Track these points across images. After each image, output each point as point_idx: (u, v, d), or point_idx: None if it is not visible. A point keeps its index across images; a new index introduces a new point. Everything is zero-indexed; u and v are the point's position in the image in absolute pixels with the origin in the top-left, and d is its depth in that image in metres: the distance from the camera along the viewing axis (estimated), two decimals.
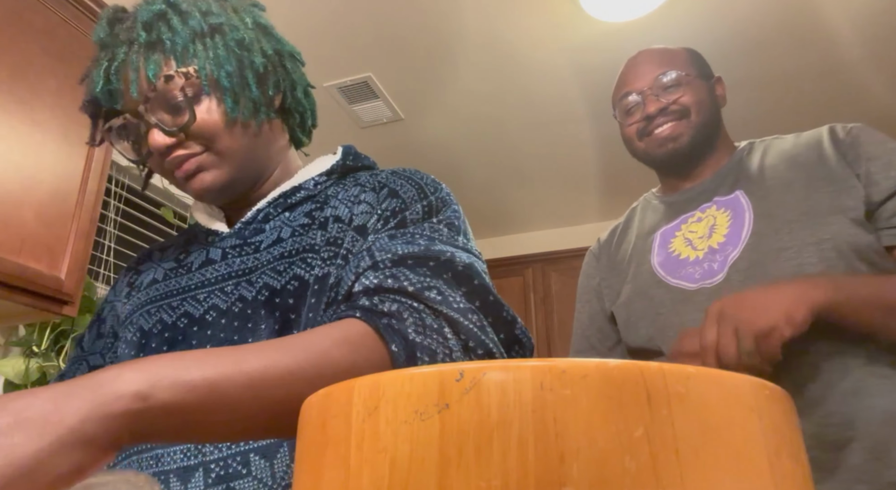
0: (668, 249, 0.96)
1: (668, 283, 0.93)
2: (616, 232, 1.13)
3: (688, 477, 0.28)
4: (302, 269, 0.65)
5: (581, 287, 1.15)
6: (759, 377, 0.64)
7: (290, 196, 0.74)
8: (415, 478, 0.29)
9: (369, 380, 0.33)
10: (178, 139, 0.68)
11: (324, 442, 0.33)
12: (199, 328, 0.66)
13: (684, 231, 0.97)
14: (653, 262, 0.97)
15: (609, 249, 1.11)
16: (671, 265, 0.94)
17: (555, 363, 0.30)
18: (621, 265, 1.05)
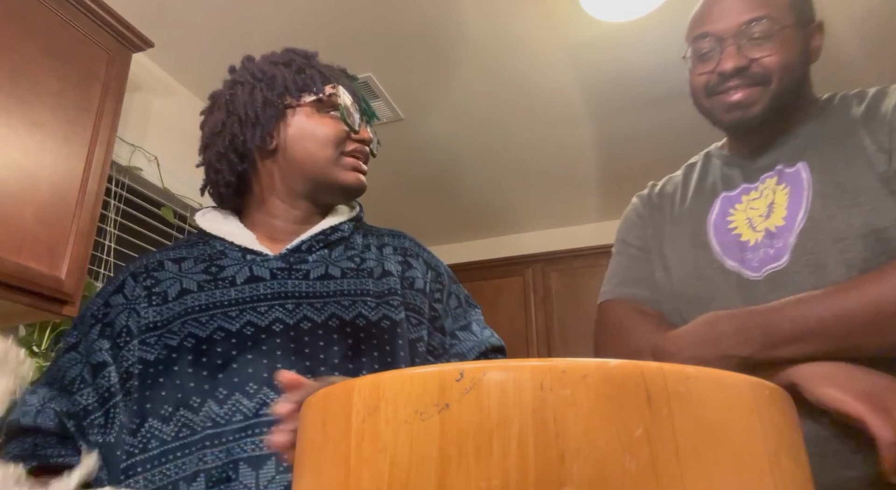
0: (728, 225, 0.85)
1: (725, 265, 0.82)
2: (671, 183, 0.98)
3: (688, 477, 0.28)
4: (390, 311, 0.79)
5: (624, 231, 0.99)
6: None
7: (330, 234, 0.83)
8: (415, 477, 0.29)
9: (369, 379, 0.33)
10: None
11: (324, 442, 0.33)
12: (267, 336, 0.73)
13: (745, 205, 0.85)
14: (710, 237, 0.85)
15: (660, 199, 0.97)
16: (730, 246, 0.83)
17: (555, 363, 0.30)
18: (672, 228, 0.91)
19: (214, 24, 2.28)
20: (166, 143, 2.48)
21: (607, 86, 2.65)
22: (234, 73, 0.94)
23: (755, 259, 0.80)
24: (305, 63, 0.87)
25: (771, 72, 0.79)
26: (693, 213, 0.90)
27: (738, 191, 0.87)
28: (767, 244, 0.79)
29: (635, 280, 0.92)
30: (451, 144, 3.11)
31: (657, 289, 0.90)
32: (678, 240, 0.89)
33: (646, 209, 0.98)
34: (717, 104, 0.84)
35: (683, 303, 0.86)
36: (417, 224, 3.98)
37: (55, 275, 1.55)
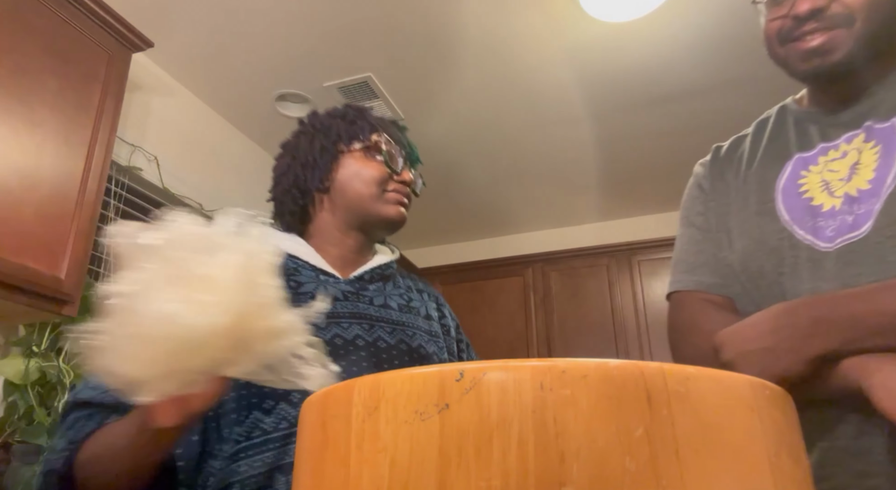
0: (800, 189, 0.75)
1: (795, 235, 0.72)
2: (739, 143, 0.88)
3: (688, 477, 0.28)
4: (438, 349, 0.93)
5: (689, 200, 0.90)
6: None
7: (384, 269, 0.97)
8: (415, 478, 0.29)
9: (369, 380, 0.32)
10: None
11: (324, 442, 0.33)
12: (353, 349, 0.82)
13: (823, 167, 0.74)
14: (778, 203, 0.76)
15: (725, 164, 0.87)
16: (800, 212, 0.73)
17: (555, 363, 0.30)
18: (737, 196, 0.82)
19: (214, 24, 2.28)
20: (166, 143, 2.48)
21: (607, 86, 2.65)
22: (301, 125, 1.07)
23: (830, 227, 0.70)
24: (357, 115, 1.00)
25: (854, 11, 0.69)
26: (760, 177, 0.80)
27: (815, 151, 0.77)
28: (846, 210, 0.69)
29: (699, 265, 0.83)
30: (451, 144, 3.11)
31: (724, 271, 0.81)
32: (743, 209, 0.80)
33: (707, 179, 0.88)
34: (792, 52, 0.74)
35: (749, 281, 0.77)
36: (417, 224, 3.98)
37: (55, 275, 1.55)
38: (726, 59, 2.47)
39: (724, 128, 3.24)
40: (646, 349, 3.19)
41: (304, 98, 2.72)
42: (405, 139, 1.00)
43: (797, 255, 0.72)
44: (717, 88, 2.63)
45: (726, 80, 2.59)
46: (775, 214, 0.75)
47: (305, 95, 2.70)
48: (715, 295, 0.80)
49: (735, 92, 2.65)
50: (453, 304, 4.00)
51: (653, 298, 3.29)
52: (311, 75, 2.57)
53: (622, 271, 3.40)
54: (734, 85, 2.61)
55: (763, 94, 2.67)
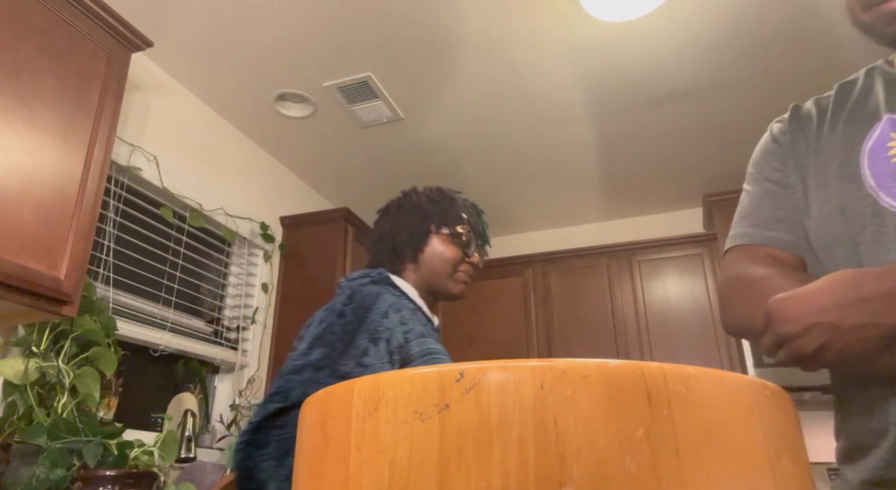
0: (889, 152, 0.69)
1: (880, 202, 0.67)
2: (821, 103, 0.82)
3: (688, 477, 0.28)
4: None
5: (761, 155, 0.84)
6: None
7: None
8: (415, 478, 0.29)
9: (369, 380, 0.32)
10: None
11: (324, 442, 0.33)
12: None
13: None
14: (863, 167, 0.70)
15: (806, 121, 0.81)
16: (887, 176, 0.68)
17: (555, 363, 0.30)
18: (817, 158, 0.76)
19: (214, 24, 2.28)
20: (165, 143, 2.48)
21: (607, 86, 2.65)
22: (403, 198, 1.29)
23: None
24: (450, 206, 1.25)
25: None
26: (845, 139, 0.74)
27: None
28: None
29: (772, 220, 0.78)
30: (451, 144, 3.11)
31: (801, 233, 0.76)
32: (822, 172, 0.74)
33: (786, 136, 0.81)
34: (877, 16, 0.71)
35: (822, 249, 0.72)
36: None
37: (54, 275, 1.54)
38: (726, 60, 2.47)
39: (725, 128, 3.27)
40: (646, 349, 3.19)
41: (304, 98, 2.72)
42: (483, 224, 1.28)
43: (881, 223, 0.67)
44: (716, 88, 2.63)
45: (726, 81, 2.59)
46: (859, 179, 0.70)
47: (305, 95, 2.70)
48: (789, 254, 0.75)
49: (735, 92, 2.65)
50: (453, 303, 3.99)
51: (653, 298, 3.29)
52: (311, 75, 2.57)
53: (622, 271, 3.40)
54: (734, 85, 2.61)
55: (763, 93, 2.68)
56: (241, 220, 2.83)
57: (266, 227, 2.99)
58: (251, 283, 2.93)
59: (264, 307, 2.94)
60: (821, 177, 0.75)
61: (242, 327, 2.81)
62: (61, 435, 1.56)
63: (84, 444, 1.57)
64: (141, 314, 2.30)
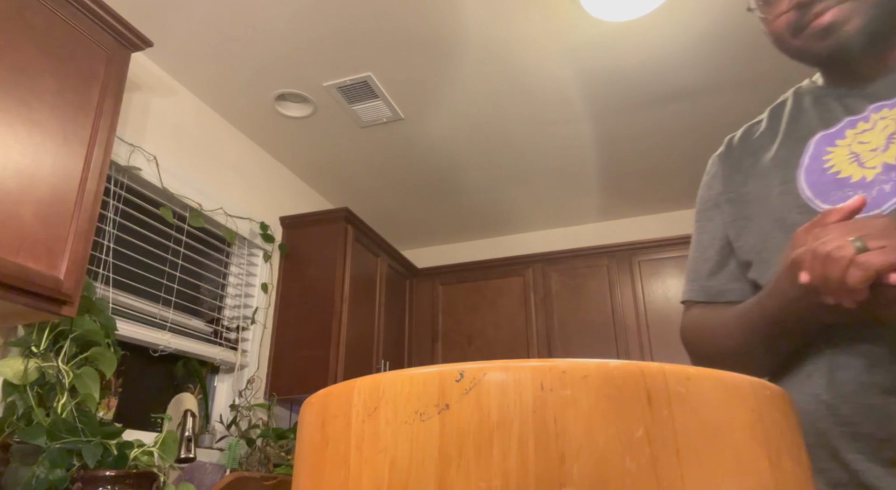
0: (825, 164, 0.72)
1: (818, 209, 0.70)
2: (753, 131, 0.86)
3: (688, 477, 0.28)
4: None
5: (700, 202, 0.89)
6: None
7: None
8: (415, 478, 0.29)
9: (369, 380, 0.32)
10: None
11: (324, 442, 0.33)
12: None
13: (851, 140, 0.72)
14: (800, 181, 0.73)
15: (740, 153, 0.85)
16: (825, 186, 0.71)
17: (555, 363, 0.30)
18: (756, 177, 0.80)
19: (214, 24, 2.28)
20: (165, 143, 2.48)
21: (607, 86, 2.65)
22: None
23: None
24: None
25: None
26: (782, 159, 0.78)
27: (840, 125, 0.74)
28: (885, 179, 0.67)
29: (713, 273, 0.83)
30: (451, 144, 3.11)
31: (734, 274, 0.81)
32: (762, 195, 0.78)
33: (722, 171, 0.86)
34: (808, 37, 0.72)
35: (764, 262, 0.75)
36: (417, 224, 3.98)
37: (54, 275, 1.54)
38: (726, 59, 2.47)
39: (724, 127, 3.27)
40: (646, 349, 3.19)
41: (304, 98, 2.72)
42: None
43: None
44: (717, 88, 2.63)
45: (726, 80, 2.59)
46: (797, 192, 0.73)
47: (305, 95, 2.70)
48: (720, 303, 0.81)
49: (735, 91, 2.65)
50: (453, 304, 4.02)
51: (653, 298, 3.29)
52: (310, 75, 2.57)
53: (622, 271, 3.40)
54: (734, 84, 2.61)
55: (763, 93, 2.68)
56: (241, 220, 2.83)
57: (266, 227, 2.99)
58: (251, 284, 2.93)
59: (264, 307, 2.94)
60: (761, 199, 0.78)
61: (242, 327, 2.81)
62: (61, 435, 1.56)
63: (84, 444, 1.57)
64: (141, 314, 2.30)
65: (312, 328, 2.89)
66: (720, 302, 0.82)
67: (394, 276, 3.59)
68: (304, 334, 2.90)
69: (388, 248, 3.51)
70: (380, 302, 3.35)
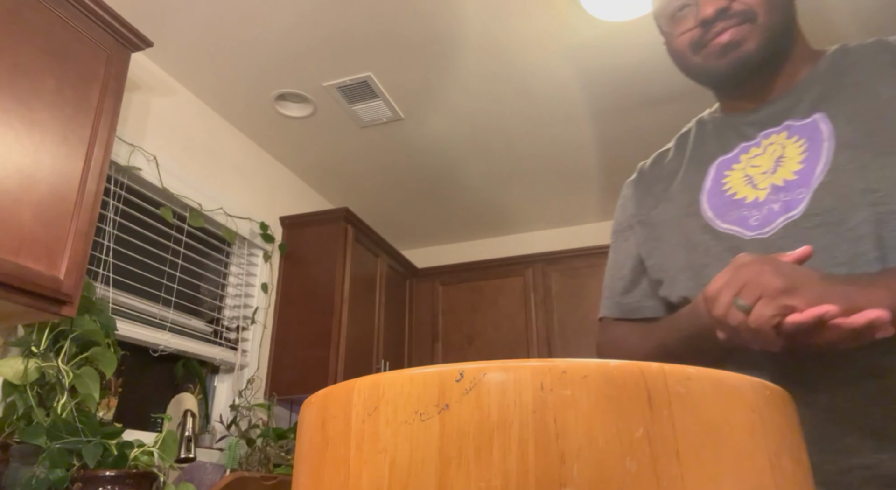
0: (723, 187, 0.79)
1: (718, 228, 0.76)
2: (663, 158, 0.94)
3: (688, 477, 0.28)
4: None
5: (615, 223, 0.96)
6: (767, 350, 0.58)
7: None
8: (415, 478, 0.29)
9: (369, 380, 0.32)
10: None
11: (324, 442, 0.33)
12: None
13: (745, 164, 0.78)
14: (703, 203, 0.80)
15: (651, 179, 0.92)
16: (723, 207, 0.77)
17: (555, 363, 0.30)
18: (665, 201, 0.86)
19: (214, 23, 2.28)
20: (165, 143, 2.48)
21: (607, 86, 2.65)
22: None
23: (754, 217, 0.74)
24: None
25: (754, 5, 0.75)
26: (687, 184, 0.84)
27: (736, 151, 0.81)
28: (773, 199, 0.73)
29: (627, 291, 0.90)
30: (452, 144, 3.11)
31: (647, 292, 0.87)
32: (670, 218, 0.84)
33: (634, 196, 0.93)
34: (708, 54, 0.78)
35: (671, 279, 0.81)
36: (417, 224, 3.98)
37: (54, 275, 1.54)
38: None
39: None
40: None
41: (304, 98, 2.72)
42: None
43: (720, 246, 0.76)
44: None
45: None
46: (699, 214, 0.80)
47: (305, 95, 2.70)
48: (634, 319, 0.87)
49: None
50: (453, 304, 4.01)
51: None
52: (310, 75, 2.57)
53: None
54: None
55: None
56: (241, 220, 2.83)
57: (266, 227, 2.99)
58: (251, 284, 2.93)
59: (264, 307, 2.94)
60: (670, 221, 0.84)
61: (242, 327, 2.81)
62: (61, 435, 1.56)
63: (84, 444, 1.57)
64: (141, 314, 2.30)
65: (312, 328, 2.89)
66: (634, 318, 0.88)
67: (394, 276, 3.59)
68: (304, 334, 2.90)
69: (388, 248, 3.50)
70: (380, 302, 3.35)
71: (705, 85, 0.86)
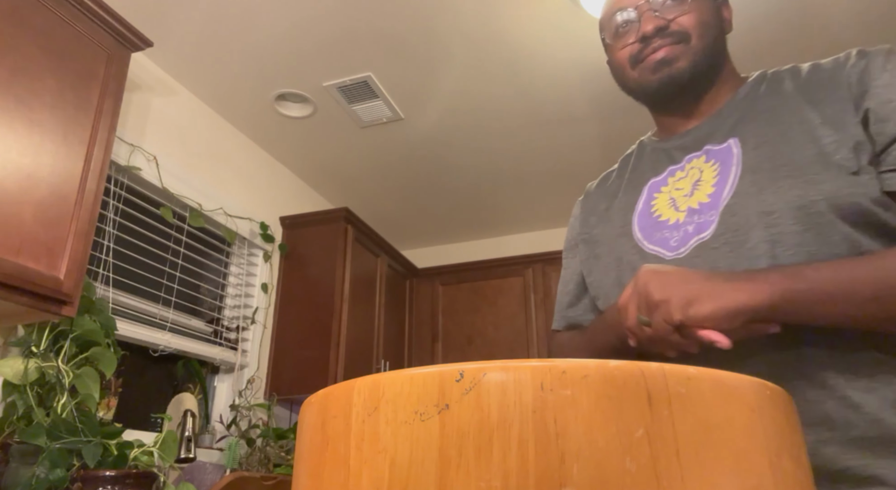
0: (651, 209, 0.84)
1: (645, 249, 0.81)
2: (608, 178, 0.99)
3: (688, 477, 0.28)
4: None
5: (565, 241, 1.02)
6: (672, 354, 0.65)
7: None
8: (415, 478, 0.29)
9: (369, 380, 0.32)
10: None
11: (324, 442, 0.33)
12: None
13: (671, 187, 0.84)
14: (633, 224, 0.85)
15: (596, 198, 0.98)
16: (649, 228, 0.82)
17: (555, 363, 0.30)
18: (605, 221, 0.92)
19: (214, 24, 2.28)
20: (165, 143, 2.48)
21: (607, 86, 2.65)
22: None
23: (674, 238, 0.79)
24: None
25: (689, 28, 0.81)
26: (623, 205, 0.90)
27: (664, 174, 0.86)
28: (689, 221, 0.78)
29: (569, 305, 0.96)
30: (451, 144, 3.11)
31: (589, 307, 0.93)
32: (607, 237, 0.90)
33: (581, 215, 0.99)
34: (643, 69, 0.84)
35: (604, 296, 0.86)
36: (417, 224, 3.98)
37: (54, 275, 1.54)
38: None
39: None
40: None
41: (304, 98, 2.72)
42: None
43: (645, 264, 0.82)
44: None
45: None
46: (631, 234, 0.85)
47: (305, 95, 2.70)
48: (578, 331, 0.93)
49: None
50: (453, 304, 4.00)
51: None
52: (310, 75, 2.57)
53: None
54: None
55: None
56: (241, 220, 2.83)
57: (266, 227, 2.99)
58: (251, 284, 2.93)
59: (264, 307, 2.94)
60: (607, 240, 0.89)
61: (242, 327, 2.81)
62: (61, 435, 1.56)
63: (84, 444, 1.57)
64: (141, 314, 2.30)
65: (312, 328, 2.89)
66: (578, 330, 0.94)
67: (394, 276, 3.59)
68: (304, 334, 2.90)
69: (388, 248, 3.50)
70: (380, 302, 3.35)
71: (640, 100, 0.91)
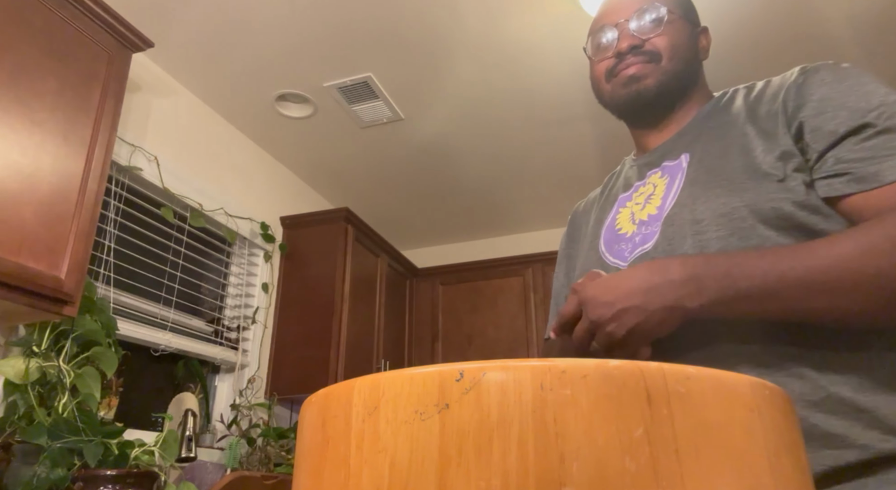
0: (616, 223, 0.89)
1: (607, 261, 0.85)
2: (593, 197, 1.04)
3: (688, 477, 0.28)
4: None
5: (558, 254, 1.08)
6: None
7: None
8: (415, 478, 0.29)
9: (369, 380, 0.33)
10: None
11: (324, 442, 0.33)
12: None
13: (633, 201, 0.88)
14: (600, 238, 0.90)
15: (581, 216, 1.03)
16: (611, 241, 0.87)
17: (555, 363, 0.30)
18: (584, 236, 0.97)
19: (215, 24, 2.28)
20: (166, 143, 2.49)
21: None
22: None
23: (627, 250, 0.83)
24: None
25: (661, 50, 0.86)
26: (597, 220, 0.94)
27: (631, 190, 0.91)
28: (638, 233, 0.82)
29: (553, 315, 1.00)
30: (452, 144, 3.11)
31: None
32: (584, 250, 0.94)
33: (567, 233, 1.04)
34: (616, 82, 0.88)
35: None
36: (417, 224, 3.98)
37: (55, 275, 1.55)
38: (724, 59, 2.47)
39: None
40: None
41: (304, 98, 2.72)
42: None
43: None
44: (714, 88, 2.62)
45: (724, 80, 2.58)
46: (597, 248, 0.89)
47: (305, 95, 2.70)
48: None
49: None
50: (453, 304, 4.00)
51: None
52: (311, 75, 2.57)
53: None
54: (732, 84, 2.61)
55: None
56: (242, 220, 2.83)
57: (266, 227, 2.99)
58: (251, 283, 2.93)
59: (264, 307, 2.94)
60: (581, 256, 0.94)
61: (243, 327, 2.81)
62: (62, 435, 1.56)
63: (84, 443, 1.57)
64: (141, 314, 2.30)
65: (312, 328, 2.89)
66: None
67: (394, 276, 3.59)
68: (305, 334, 2.90)
69: (388, 248, 3.50)
70: (380, 302, 3.35)
71: (613, 113, 0.95)
